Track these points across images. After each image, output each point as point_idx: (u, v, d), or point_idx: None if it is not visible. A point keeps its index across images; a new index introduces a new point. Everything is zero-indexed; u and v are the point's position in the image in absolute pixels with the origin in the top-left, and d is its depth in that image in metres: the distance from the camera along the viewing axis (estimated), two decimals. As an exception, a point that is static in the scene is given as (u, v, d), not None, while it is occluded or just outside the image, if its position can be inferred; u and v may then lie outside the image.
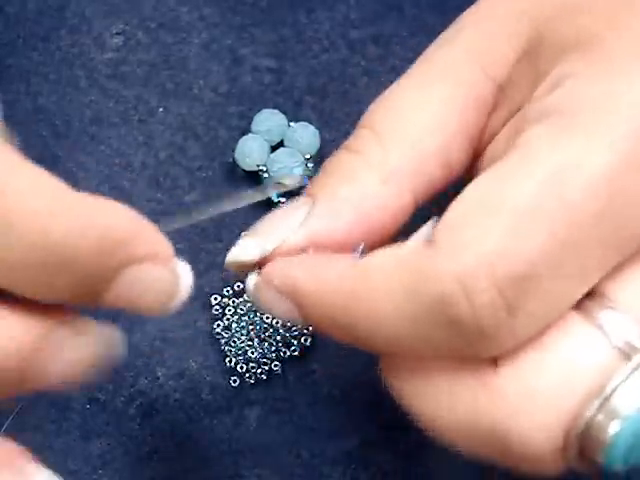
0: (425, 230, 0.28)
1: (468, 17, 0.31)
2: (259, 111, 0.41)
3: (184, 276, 0.28)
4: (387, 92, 0.31)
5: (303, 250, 0.30)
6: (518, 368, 0.27)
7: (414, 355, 0.28)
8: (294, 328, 0.39)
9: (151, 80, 0.42)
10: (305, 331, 0.39)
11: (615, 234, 0.27)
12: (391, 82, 0.32)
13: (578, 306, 0.27)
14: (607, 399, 0.26)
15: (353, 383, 0.39)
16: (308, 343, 0.39)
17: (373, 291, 0.27)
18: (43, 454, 0.38)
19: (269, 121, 0.41)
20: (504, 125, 0.31)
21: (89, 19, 0.43)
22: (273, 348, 0.39)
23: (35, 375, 0.27)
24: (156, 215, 0.40)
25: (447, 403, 0.28)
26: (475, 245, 0.26)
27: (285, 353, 0.39)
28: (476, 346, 0.27)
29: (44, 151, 0.42)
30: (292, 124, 0.41)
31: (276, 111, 0.41)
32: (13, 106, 0.42)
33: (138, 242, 0.27)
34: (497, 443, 0.27)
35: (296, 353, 0.39)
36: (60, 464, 0.38)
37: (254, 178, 0.41)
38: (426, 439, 0.29)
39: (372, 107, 0.31)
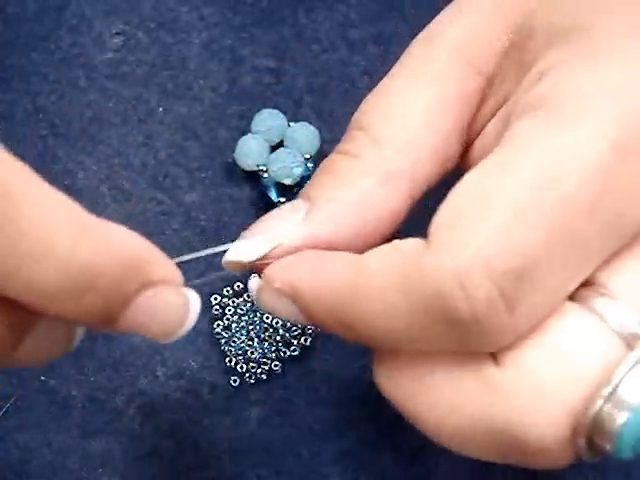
0: None
1: (450, 12, 0.31)
2: (259, 111, 0.41)
3: (193, 303, 0.29)
4: (376, 91, 0.31)
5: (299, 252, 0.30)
6: (521, 363, 0.27)
7: (414, 352, 0.28)
8: (294, 328, 0.39)
9: (151, 80, 0.42)
10: (305, 331, 0.40)
11: (611, 223, 0.26)
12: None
13: (574, 296, 0.27)
14: (614, 390, 0.26)
15: (353, 383, 0.39)
16: (308, 343, 0.39)
17: (371, 289, 0.27)
18: (43, 452, 0.38)
19: (269, 121, 0.41)
20: (492, 117, 0.31)
21: (89, 19, 0.43)
22: (273, 348, 0.39)
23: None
24: (156, 215, 0.41)
25: (448, 404, 0.28)
26: (470, 241, 0.26)
27: (285, 353, 0.39)
28: (476, 342, 0.27)
29: (44, 151, 0.42)
30: (292, 124, 0.41)
31: (276, 111, 0.41)
32: (13, 106, 0.42)
33: (153, 267, 0.27)
34: (503, 441, 0.27)
35: (296, 353, 0.39)
36: (60, 463, 0.38)
37: (254, 178, 0.41)
38: (426, 439, 0.29)
39: (362, 107, 0.31)
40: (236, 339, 0.39)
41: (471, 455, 0.29)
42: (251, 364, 0.39)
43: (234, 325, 0.39)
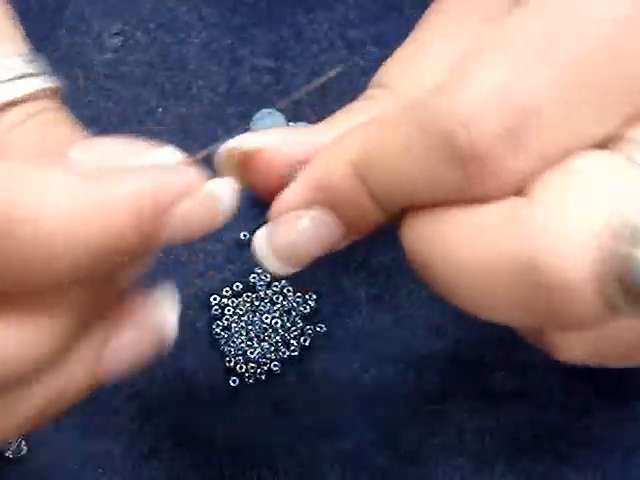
0: None
1: None
2: (258, 111, 0.41)
3: (223, 190, 0.28)
4: (393, 56, 0.31)
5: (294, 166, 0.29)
6: (548, 195, 0.25)
7: (431, 202, 0.27)
8: (293, 329, 0.40)
9: (150, 80, 0.42)
10: (304, 331, 0.40)
11: (635, 75, 0.25)
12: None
13: (609, 147, 0.26)
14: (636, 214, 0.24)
15: (352, 383, 0.39)
16: (307, 344, 0.39)
17: (387, 139, 0.27)
18: (42, 453, 0.38)
19: (268, 121, 0.41)
20: None
21: (88, 19, 0.43)
22: (272, 348, 0.39)
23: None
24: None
25: (470, 240, 0.26)
26: (480, 77, 0.25)
27: (284, 353, 0.39)
28: (483, 182, 0.26)
29: (43, 151, 0.42)
30: (291, 124, 0.41)
31: (275, 111, 0.41)
32: (12, 106, 0.42)
33: (171, 194, 0.27)
34: (526, 274, 0.25)
35: (295, 353, 0.39)
36: (59, 463, 0.38)
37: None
38: (426, 439, 0.29)
39: (381, 69, 0.31)
40: (235, 339, 0.39)
41: (484, 308, 0.27)
42: (250, 364, 0.39)
43: (233, 325, 0.39)
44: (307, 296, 0.40)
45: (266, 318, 0.39)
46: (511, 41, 0.26)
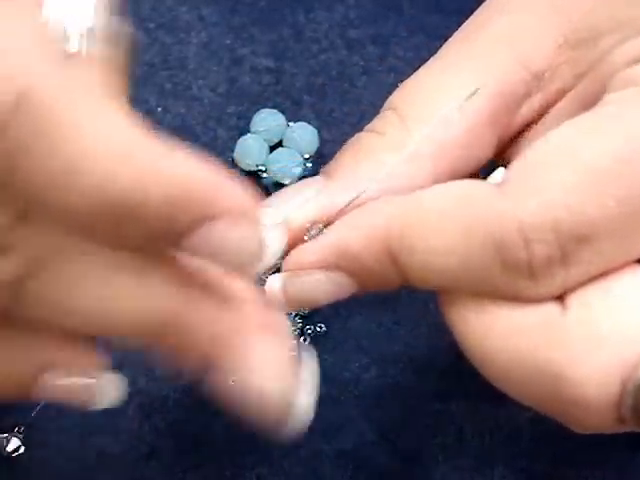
0: (493, 176, 0.28)
1: (497, 6, 0.31)
2: (258, 111, 0.41)
3: (273, 239, 0.27)
4: (413, 76, 0.31)
5: (311, 224, 0.30)
6: (585, 311, 0.26)
7: (469, 293, 0.28)
8: (293, 328, 0.39)
9: (150, 80, 0.42)
10: (304, 332, 0.39)
11: None
12: (390, 82, 0.32)
13: None
14: None
15: (352, 383, 0.39)
16: (307, 343, 0.39)
17: (429, 224, 0.27)
18: (42, 452, 0.38)
19: (268, 121, 0.41)
20: (538, 113, 0.31)
21: (88, 19, 0.43)
22: (272, 348, 0.39)
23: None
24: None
25: (506, 332, 0.27)
26: (544, 195, 0.26)
27: (284, 353, 0.39)
28: (525, 290, 0.27)
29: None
30: (291, 124, 0.41)
31: (275, 111, 0.41)
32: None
33: (215, 199, 0.25)
34: (551, 382, 0.26)
35: (295, 353, 0.39)
36: (59, 463, 0.38)
37: (253, 178, 0.41)
38: (426, 439, 0.29)
39: (398, 90, 0.31)
40: (235, 339, 0.39)
41: (515, 395, 0.28)
42: (250, 364, 0.39)
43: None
44: (307, 296, 0.40)
45: (266, 318, 0.39)
46: (582, 160, 0.26)
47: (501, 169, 0.28)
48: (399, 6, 0.43)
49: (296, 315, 0.40)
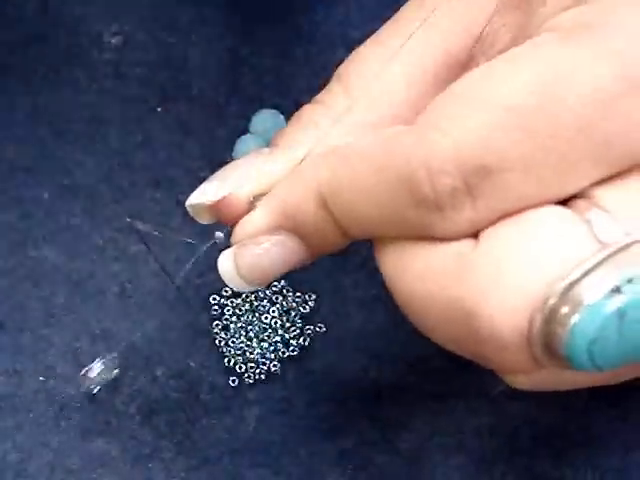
0: None
1: None
2: (258, 111, 0.41)
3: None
4: (361, 46, 0.32)
5: (256, 196, 0.31)
6: (493, 244, 0.26)
7: (395, 236, 0.28)
8: (293, 328, 0.39)
9: (150, 80, 0.42)
10: (304, 331, 0.39)
11: (599, 149, 0.26)
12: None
13: (567, 204, 0.27)
14: (571, 286, 0.25)
15: (352, 383, 0.39)
16: (307, 343, 0.39)
17: (354, 174, 0.28)
18: (42, 452, 0.38)
19: (268, 121, 0.41)
20: None
21: (88, 19, 0.43)
22: (272, 348, 0.39)
23: None
24: (155, 215, 0.41)
25: (421, 270, 0.27)
26: (450, 129, 0.26)
27: (284, 353, 0.39)
28: (437, 228, 0.27)
29: (43, 151, 0.42)
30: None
31: (275, 111, 0.41)
32: (13, 106, 0.42)
33: None
34: (463, 320, 0.26)
35: (295, 353, 0.39)
36: (59, 463, 0.38)
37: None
38: (426, 439, 0.29)
39: (347, 59, 0.32)
40: (235, 339, 0.39)
41: (432, 337, 0.28)
42: (250, 364, 0.39)
43: (233, 325, 0.39)
44: (306, 296, 0.40)
45: (265, 318, 0.39)
46: (487, 94, 0.26)
47: None
48: (399, 6, 0.43)
49: (296, 315, 0.40)
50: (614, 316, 0.25)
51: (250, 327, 0.39)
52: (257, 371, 0.39)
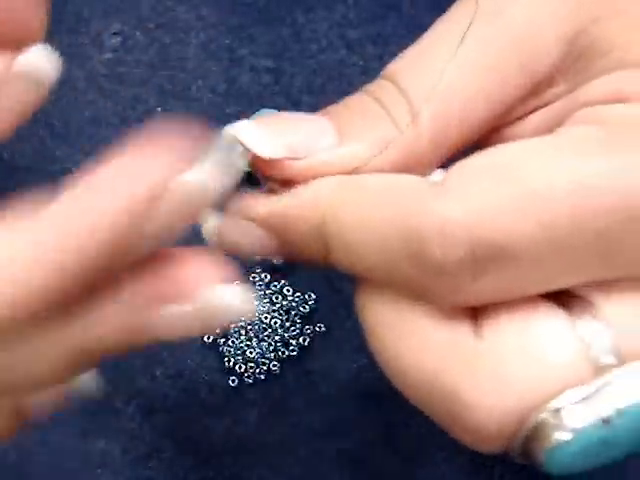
0: (432, 176, 0.29)
1: None
2: (257, 111, 0.41)
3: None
4: (413, 48, 0.31)
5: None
6: (497, 346, 0.27)
7: (386, 285, 0.28)
8: (292, 328, 0.39)
9: (149, 80, 0.42)
10: (303, 331, 0.40)
11: (615, 255, 0.26)
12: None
13: (564, 303, 0.27)
14: (564, 407, 0.26)
15: (351, 383, 0.39)
16: (306, 343, 0.39)
17: (362, 204, 0.28)
18: (41, 452, 0.38)
19: (267, 121, 0.41)
20: (532, 112, 0.31)
21: (87, 19, 0.43)
22: (271, 348, 0.39)
23: None
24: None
25: (415, 345, 0.27)
26: (471, 201, 0.26)
27: (283, 353, 0.39)
28: (434, 293, 0.27)
29: (42, 151, 0.42)
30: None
31: (274, 111, 0.41)
32: (12, 106, 0.42)
33: None
34: (449, 404, 0.27)
35: (294, 353, 0.39)
36: (58, 463, 0.38)
37: (252, 178, 0.41)
38: (426, 439, 0.29)
39: (397, 60, 0.31)
40: (234, 339, 0.39)
41: (403, 392, 0.29)
42: (249, 364, 0.39)
43: (232, 325, 0.39)
44: (306, 296, 0.40)
45: (265, 318, 0.39)
46: (519, 177, 0.26)
47: (440, 170, 0.29)
48: (399, 6, 0.43)
49: (295, 315, 0.40)
50: (599, 443, 0.26)
51: (250, 327, 0.39)
52: (257, 371, 0.39)
